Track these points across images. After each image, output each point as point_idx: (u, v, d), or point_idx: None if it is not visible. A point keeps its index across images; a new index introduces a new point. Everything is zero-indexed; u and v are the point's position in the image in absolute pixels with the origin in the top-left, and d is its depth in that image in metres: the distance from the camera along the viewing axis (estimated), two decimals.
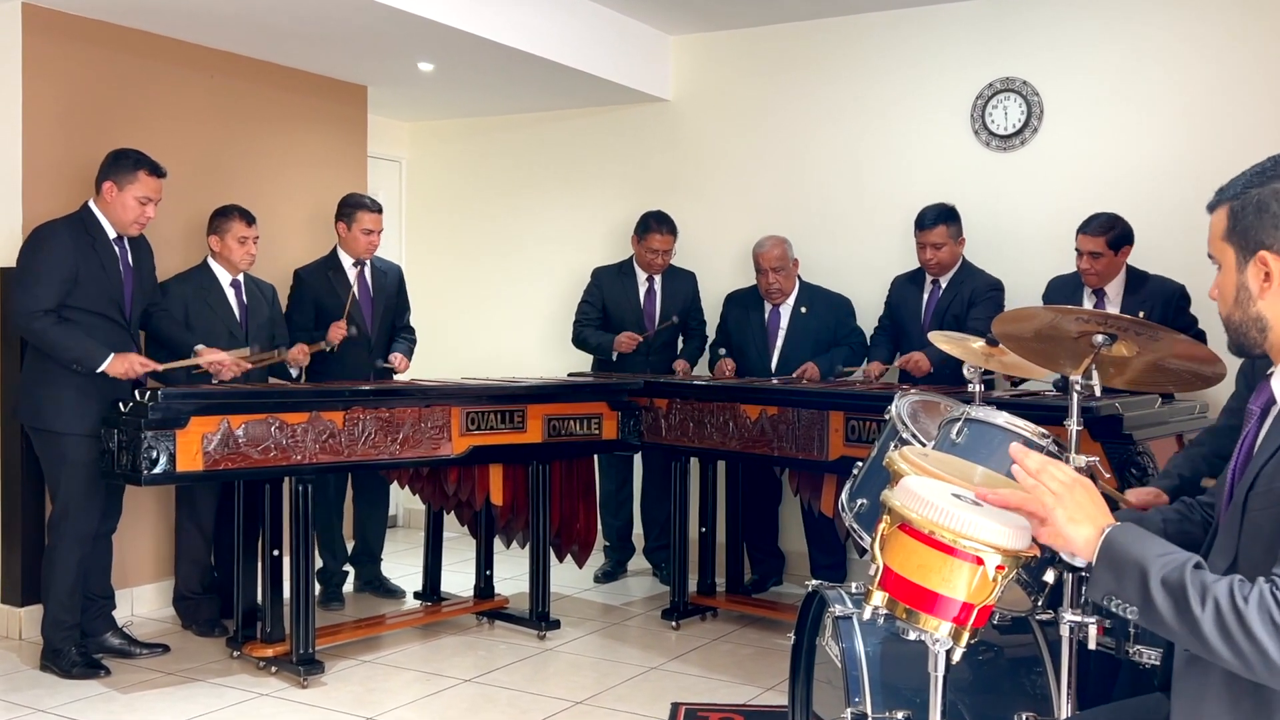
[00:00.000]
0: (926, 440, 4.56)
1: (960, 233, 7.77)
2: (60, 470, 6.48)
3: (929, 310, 7.86)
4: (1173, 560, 2.47)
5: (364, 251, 8.01)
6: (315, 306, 7.96)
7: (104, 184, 6.56)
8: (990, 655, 4.11)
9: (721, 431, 7.28)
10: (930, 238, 7.74)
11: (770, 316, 8.34)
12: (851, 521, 4.59)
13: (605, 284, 8.87)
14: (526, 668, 6.82)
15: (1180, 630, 2.43)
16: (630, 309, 8.74)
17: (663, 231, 8.68)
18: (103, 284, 6.53)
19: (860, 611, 3.75)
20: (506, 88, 9.38)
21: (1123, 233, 7.04)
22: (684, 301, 8.85)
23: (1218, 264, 2.77)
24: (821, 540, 8.26)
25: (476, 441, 7.05)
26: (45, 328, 6.32)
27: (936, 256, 7.74)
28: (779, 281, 8.20)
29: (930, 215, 7.76)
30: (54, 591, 6.52)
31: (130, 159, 6.61)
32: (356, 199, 8.06)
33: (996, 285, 7.77)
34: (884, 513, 2.90)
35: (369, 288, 8.12)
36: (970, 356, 5.07)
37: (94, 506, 6.54)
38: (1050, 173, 8.16)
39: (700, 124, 9.51)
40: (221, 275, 7.41)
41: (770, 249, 8.22)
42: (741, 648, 7.23)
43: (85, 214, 6.59)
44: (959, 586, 2.76)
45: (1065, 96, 8.13)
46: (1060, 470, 2.64)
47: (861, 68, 8.83)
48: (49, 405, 6.45)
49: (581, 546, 7.91)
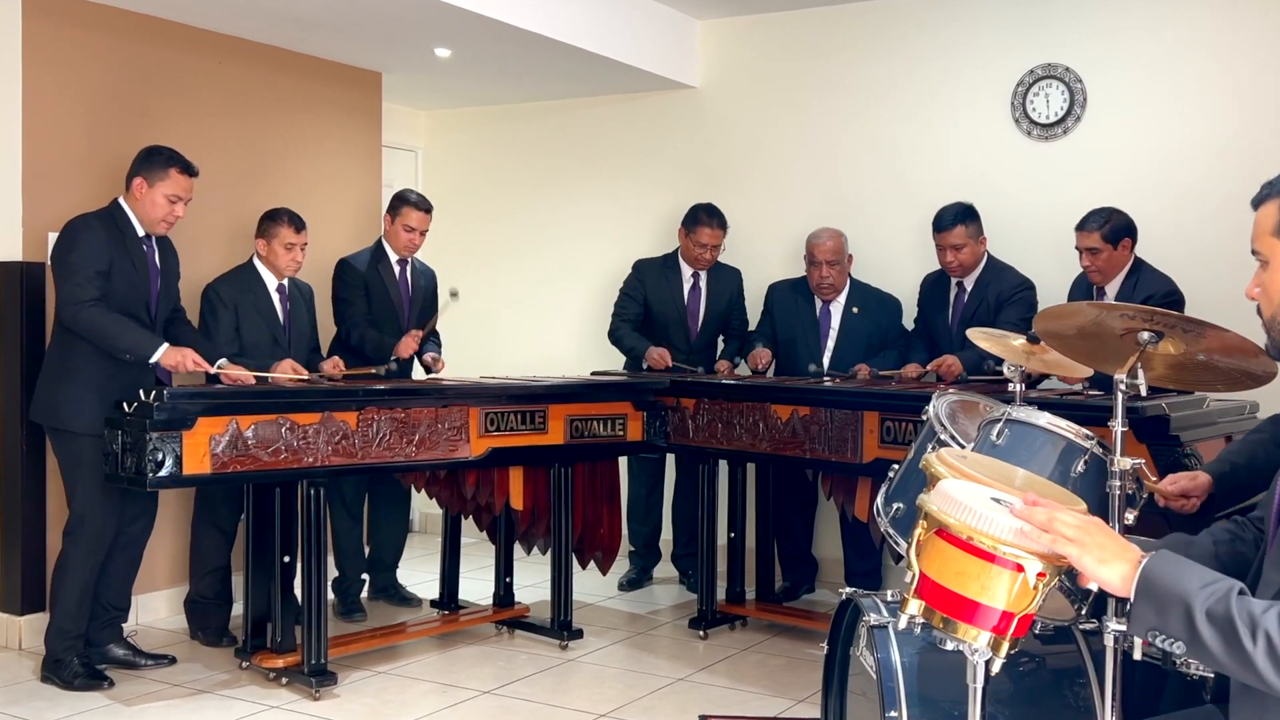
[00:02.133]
0: (965, 442, 4.56)
1: (981, 231, 7.76)
2: (77, 472, 6.50)
3: (955, 313, 7.85)
4: (1216, 590, 2.45)
5: (403, 248, 8.08)
6: (366, 295, 8.07)
7: (134, 180, 6.61)
8: (1031, 666, 4.11)
9: (751, 433, 7.28)
10: (949, 239, 7.71)
11: (821, 313, 8.32)
12: (887, 527, 4.59)
13: (648, 278, 8.82)
14: (548, 679, 6.83)
15: (1232, 665, 2.42)
16: (674, 306, 8.71)
17: (713, 225, 8.60)
18: (133, 282, 6.58)
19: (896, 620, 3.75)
20: (527, 74, 9.40)
21: (1119, 225, 7.03)
22: (728, 300, 8.82)
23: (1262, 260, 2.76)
24: (858, 546, 8.25)
25: (496, 443, 7.06)
26: (96, 314, 6.35)
27: (957, 258, 7.72)
28: (832, 276, 8.17)
29: (948, 216, 7.73)
30: (62, 600, 6.53)
31: (163, 156, 6.66)
32: (406, 194, 8.16)
33: (1025, 284, 7.74)
34: (920, 518, 2.90)
35: (409, 287, 8.21)
36: (1011, 355, 5.06)
37: (111, 511, 6.56)
38: (1093, 163, 8.15)
39: (729, 112, 9.52)
40: (268, 279, 7.46)
41: (826, 240, 8.19)
42: (772, 658, 7.23)
43: (115, 210, 6.64)
44: (999, 594, 2.76)
45: (1109, 84, 8.12)
46: (1069, 515, 2.65)
47: (897, 54, 8.82)
48: (67, 404, 6.47)
49: (605, 553, 7.92)
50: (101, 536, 6.55)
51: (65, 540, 6.58)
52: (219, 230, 7.80)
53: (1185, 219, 7.45)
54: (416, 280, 8.26)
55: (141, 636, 7.28)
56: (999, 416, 4.24)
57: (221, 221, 7.85)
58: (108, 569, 6.73)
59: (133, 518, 6.76)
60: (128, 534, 6.77)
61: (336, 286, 8.13)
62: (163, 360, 6.41)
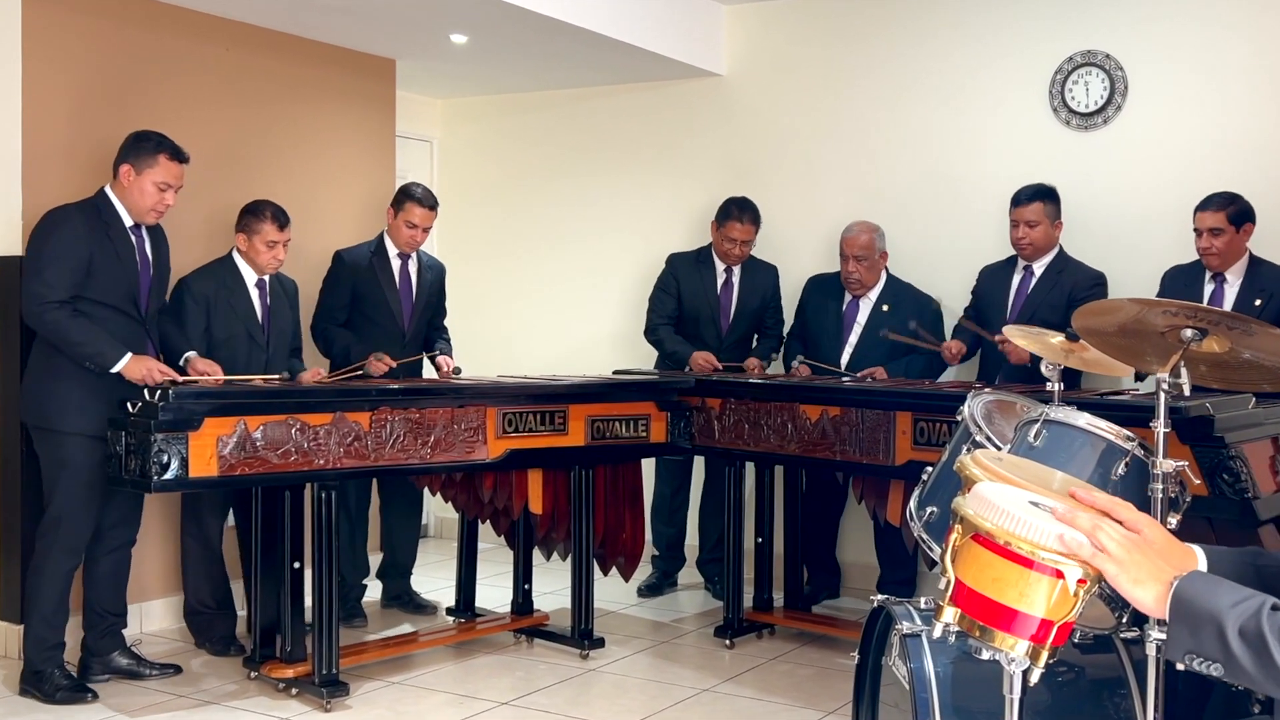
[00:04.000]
0: (1002, 443, 4.56)
1: (1058, 215, 7.73)
2: (59, 473, 6.45)
3: (1019, 297, 7.81)
4: (1248, 607, 2.43)
5: (404, 244, 8.05)
6: (352, 292, 8.03)
7: (121, 167, 6.56)
8: (1070, 676, 4.12)
9: (779, 434, 7.28)
10: (1025, 214, 7.69)
11: (849, 307, 8.34)
12: (920, 531, 4.59)
13: (682, 273, 8.84)
14: (568, 689, 6.85)
15: (1267, 683, 2.41)
16: (707, 302, 8.74)
17: (744, 220, 8.62)
18: (117, 275, 6.52)
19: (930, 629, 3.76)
20: (546, 61, 9.41)
21: (1244, 209, 7.08)
22: (762, 296, 8.84)
23: None
24: (892, 554, 8.27)
25: (514, 445, 7.07)
26: (58, 320, 6.30)
27: (1029, 235, 7.69)
28: (859, 271, 8.19)
29: (1027, 191, 7.73)
30: (38, 606, 6.47)
31: (151, 141, 6.60)
32: (410, 188, 8.09)
33: (1099, 280, 7.71)
34: (955, 522, 2.90)
35: (411, 283, 8.17)
36: (1048, 352, 5.06)
37: (90, 515, 6.51)
38: (1135, 153, 8.13)
39: (757, 101, 9.52)
40: (247, 274, 7.39)
41: (856, 234, 8.21)
42: (801, 668, 7.24)
43: (100, 199, 6.59)
44: (1037, 602, 2.75)
45: (1151, 71, 8.10)
46: (1115, 530, 2.61)
47: (931, 40, 8.82)
48: (53, 403, 6.44)
49: (628, 558, 7.93)
50: (77, 540, 6.50)
51: (39, 542, 6.51)
52: (226, 223, 7.72)
53: None
54: (422, 276, 8.23)
55: (145, 646, 7.29)
56: (1036, 417, 4.24)
57: (229, 214, 7.75)
58: (95, 575, 6.72)
59: (115, 522, 6.71)
60: (113, 537, 6.73)
61: (325, 279, 8.11)
62: (125, 372, 6.34)
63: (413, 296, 8.17)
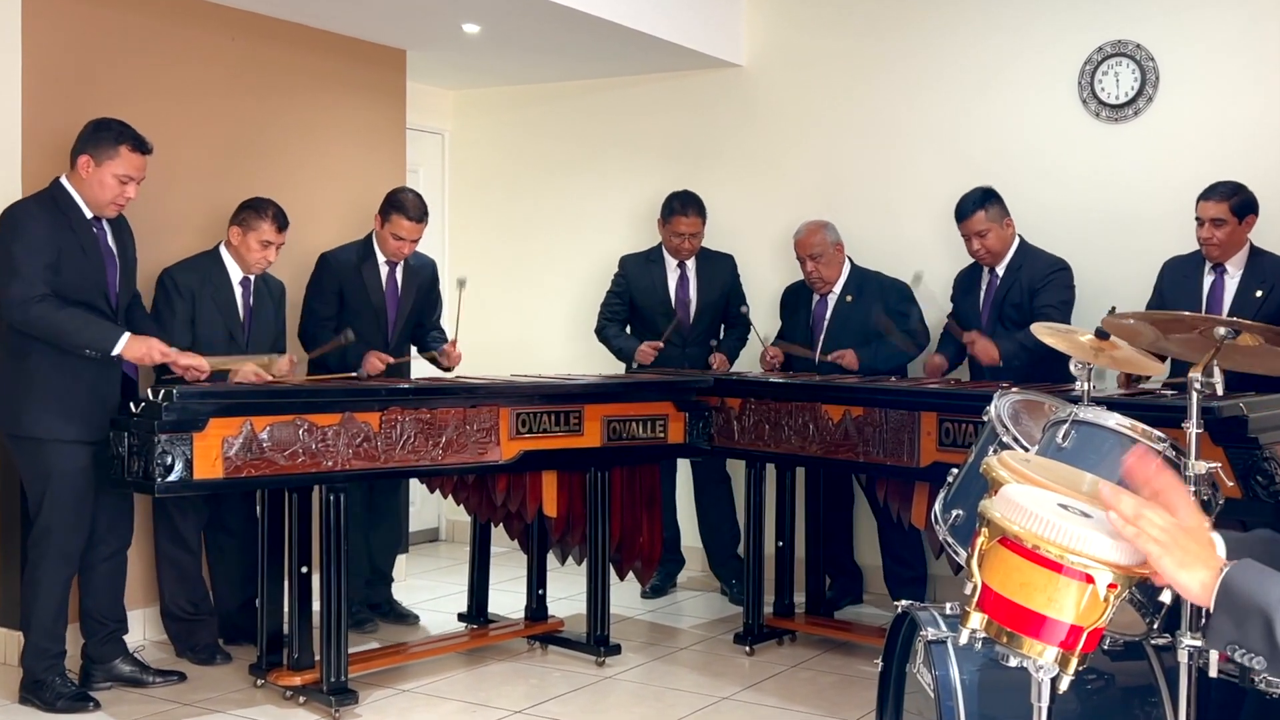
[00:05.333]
0: (1029, 444, 4.56)
1: (1005, 214, 7.78)
2: (44, 482, 6.38)
3: (986, 301, 7.90)
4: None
5: (392, 254, 7.98)
6: (339, 297, 7.99)
7: (80, 158, 6.42)
8: (1100, 684, 4.12)
9: (801, 435, 7.28)
10: (972, 227, 7.76)
11: (817, 307, 8.46)
12: (945, 535, 4.59)
13: (632, 273, 8.99)
14: (583, 698, 6.86)
15: None
16: (659, 300, 8.85)
17: (689, 214, 8.76)
18: (84, 269, 6.44)
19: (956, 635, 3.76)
20: (561, 52, 9.42)
21: (1247, 200, 7.10)
22: (721, 288, 8.94)
23: None
24: (898, 553, 8.34)
25: (528, 446, 7.07)
26: (46, 313, 6.23)
27: (984, 245, 7.77)
28: (818, 270, 8.32)
29: (967, 203, 7.79)
30: (36, 616, 6.44)
31: (112, 131, 6.47)
32: (399, 199, 7.93)
33: (1059, 265, 7.77)
34: (982, 525, 2.90)
35: (398, 286, 8.11)
36: (1077, 351, 5.05)
37: (82, 522, 6.46)
38: (1166, 146, 8.11)
39: (778, 93, 9.51)
40: (233, 270, 7.36)
41: (806, 235, 8.35)
42: (823, 675, 7.24)
43: (57, 191, 6.47)
44: (1066, 607, 2.76)
45: (1183, 62, 8.08)
46: (1160, 516, 2.58)
47: (957, 31, 8.80)
48: (30, 409, 6.36)
49: (645, 563, 7.93)
50: (71, 548, 6.45)
51: (31, 553, 6.46)
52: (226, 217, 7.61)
53: (1267, 205, 7.41)
54: (409, 278, 8.15)
55: (147, 653, 7.27)
56: (1065, 417, 4.25)
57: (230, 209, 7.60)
58: (91, 582, 6.69)
59: (107, 527, 6.67)
60: (107, 544, 6.69)
61: (309, 282, 8.05)
62: (125, 352, 6.32)
63: (398, 300, 8.12)
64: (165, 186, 7.42)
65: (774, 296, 8.92)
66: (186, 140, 7.69)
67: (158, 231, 7.33)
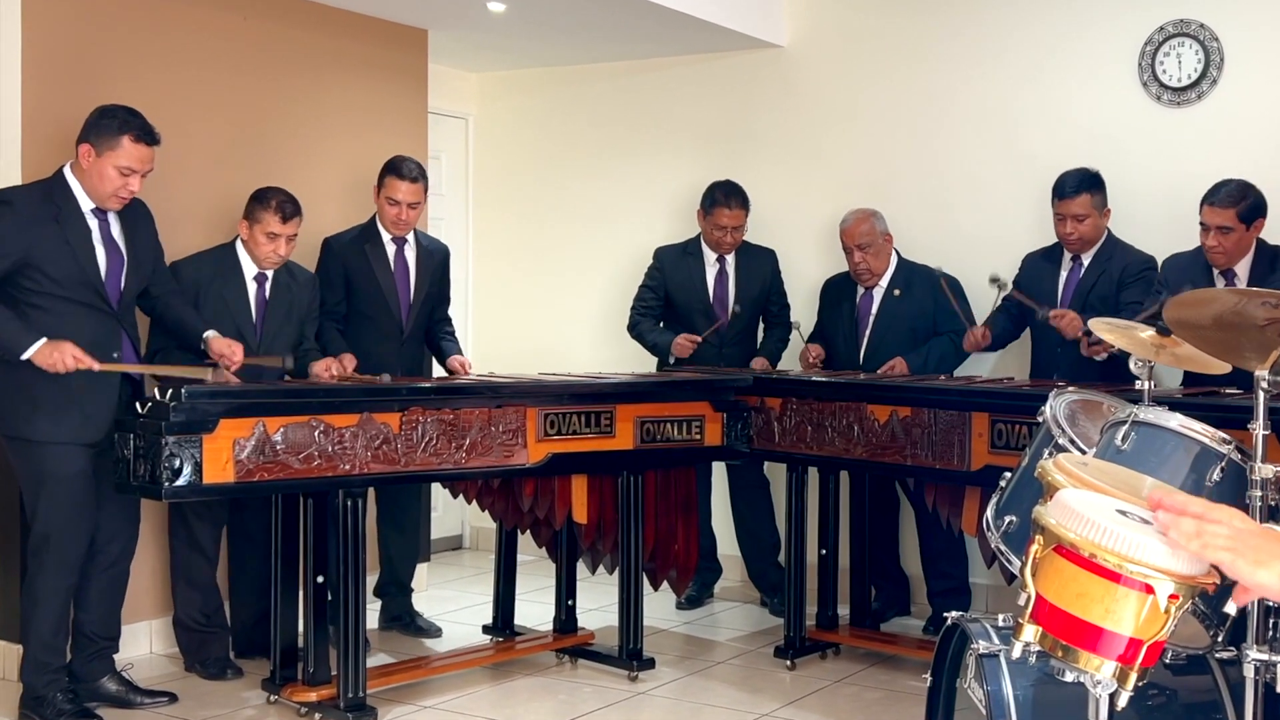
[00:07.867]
0: (1087, 446, 4.56)
1: (1105, 203, 7.73)
2: (40, 486, 6.32)
3: (1068, 290, 7.83)
4: None
5: (391, 224, 7.93)
6: (346, 283, 7.96)
7: (81, 146, 6.32)
8: (1161, 700, 4.11)
9: (845, 436, 7.27)
10: (1072, 208, 7.68)
11: (862, 301, 8.46)
12: (998, 542, 4.59)
13: (668, 266, 8.98)
14: (615, 714, 6.86)
15: None
16: (697, 295, 8.84)
17: (732, 205, 8.74)
18: (68, 265, 6.31)
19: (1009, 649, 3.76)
20: (590, 32, 9.42)
21: (1255, 203, 7.05)
22: (761, 284, 8.93)
23: None
24: (937, 561, 8.35)
25: (556, 448, 7.07)
26: None
27: (1078, 230, 7.70)
28: (866, 261, 8.31)
29: (1071, 182, 7.70)
30: (36, 629, 6.39)
31: (116, 120, 6.35)
32: (392, 162, 7.92)
33: (1150, 263, 7.70)
34: (1036, 532, 2.91)
35: (409, 269, 8.07)
36: (1137, 348, 5.05)
37: (82, 528, 6.40)
38: (1231, 131, 8.08)
39: (821, 74, 9.49)
40: (246, 265, 7.31)
41: (854, 224, 8.34)
42: (868, 690, 7.23)
43: (56, 181, 6.39)
44: (1125, 619, 2.76)
45: (1249, 42, 8.05)
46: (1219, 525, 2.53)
47: (1010, 9, 8.77)
48: (24, 408, 6.30)
49: (680, 571, 7.91)
50: (71, 556, 6.38)
51: (30, 562, 6.41)
52: (240, 207, 7.62)
53: None
54: (421, 261, 8.12)
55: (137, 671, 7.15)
56: (1124, 418, 4.24)
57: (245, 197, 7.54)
58: (88, 595, 6.60)
59: (109, 536, 6.61)
60: (106, 554, 6.62)
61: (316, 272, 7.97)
62: (35, 359, 6.11)
63: (410, 284, 8.07)
64: (174, 176, 7.38)
65: (814, 291, 8.92)
66: (195, 126, 7.68)
67: (164, 223, 7.30)
